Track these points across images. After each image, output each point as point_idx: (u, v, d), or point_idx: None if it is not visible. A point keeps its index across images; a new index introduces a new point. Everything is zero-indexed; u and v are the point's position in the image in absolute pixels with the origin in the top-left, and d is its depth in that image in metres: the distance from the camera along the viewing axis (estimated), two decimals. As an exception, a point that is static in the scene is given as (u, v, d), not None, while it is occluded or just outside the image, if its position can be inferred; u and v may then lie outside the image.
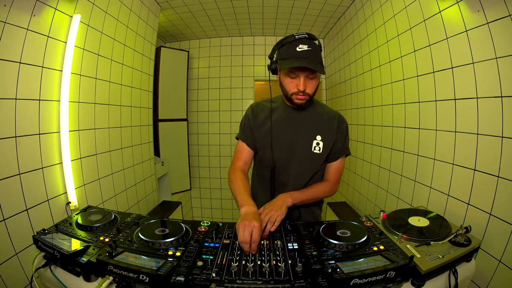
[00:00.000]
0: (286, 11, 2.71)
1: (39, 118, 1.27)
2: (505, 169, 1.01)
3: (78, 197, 1.46)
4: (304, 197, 1.12)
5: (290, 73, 1.03)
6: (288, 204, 1.03)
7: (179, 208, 2.68)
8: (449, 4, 1.25)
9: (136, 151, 2.18)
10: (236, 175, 1.13)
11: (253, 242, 0.85)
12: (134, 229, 0.99)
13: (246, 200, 1.00)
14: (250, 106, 1.25)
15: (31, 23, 1.19)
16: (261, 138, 1.17)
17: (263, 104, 1.24)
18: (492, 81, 1.05)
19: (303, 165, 1.15)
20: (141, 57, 2.22)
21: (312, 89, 1.06)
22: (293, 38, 1.01)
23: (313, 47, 1.01)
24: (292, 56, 1.00)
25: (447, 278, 0.82)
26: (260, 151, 1.19)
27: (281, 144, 1.15)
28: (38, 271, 0.88)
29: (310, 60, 0.98)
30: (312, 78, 1.04)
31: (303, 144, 1.15)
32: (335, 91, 3.10)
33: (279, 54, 1.06)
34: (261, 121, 1.19)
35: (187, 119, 3.42)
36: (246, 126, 1.22)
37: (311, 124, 1.16)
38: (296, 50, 0.99)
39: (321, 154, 1.15)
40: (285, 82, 1.07)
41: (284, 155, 1.15)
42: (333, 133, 1.16)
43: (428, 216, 1.06)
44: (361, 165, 2.37)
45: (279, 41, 1.06)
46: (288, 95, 1.08)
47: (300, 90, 1.03)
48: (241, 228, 0.87)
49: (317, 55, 1.02)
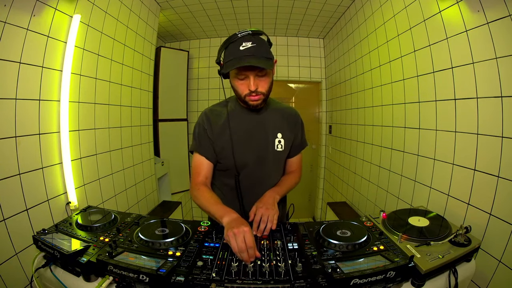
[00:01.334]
0: (286, 11, 2.71)
1: (39, 118, 1.27)
2: (505, 169, 1.01)
3: (78, 197, 1.46)
4: (285, 191, 1.16)
5: (239, 74, 0.99)
6: (277, 200, 1.05)
7: (179, 208, 2.68)
8: (449, 4, 1.25)
9: (136, 151, 2.18)
10: (201, 190, 1.06)
11: (249, 248, 0.80)
12: (134, 229, 0.99)
13: (224, 209, 0.95)
14: (204, 113, 1.15)
15: (31, 23, 1.19)
16: (224, 147, 1.10)
17: (217, 109, 1.16)
18: (492, 81, 1.05)
19: (270, 165, 1.15)
20: (141, 57, 2.22)
21: (265, 87, 1.02)
22: (236, 37, 0.97)
23: (258, 43, 0.96)
24: (236, 57, 0.95)
25: (447, 278, 0.82)
26: (224, 160, 1.12)
27: (246, 149, 1.11)
28: (38, 271, 0.88)
29: (255, 57, 0.93)
30: (262, 75, 0.99)
31: (267, 144, 1.13)
32: (335, 91, 3.10)
33: (225, 57, 1.01)
34: (220, 129, 1.11)
35: (187, 119, 3.42)
36: (202, 136, 1.12)
37: (271, 123, 1.14)
38: (239, 49, 0.94)
39: (284, 151, 1.17)
40: (236, 84, 1.02)
41: (250, 159, 1.12)
42: (292, 129, 1.19)
43: (428, 216, 1.06)
44: (361, 165, 2.37)
45: (223, 43, 1.01)
46: (242, 97, 1.03)
47: (251, 91, 0.99)
48: (231, 238, 0.81)
49: (263, 50, 0.96)
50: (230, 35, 0.99)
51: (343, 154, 2.83)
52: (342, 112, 2.87)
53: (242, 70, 0.97)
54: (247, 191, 1.14)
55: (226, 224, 0.89)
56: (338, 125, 3.05)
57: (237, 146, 1.10)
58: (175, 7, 2.58)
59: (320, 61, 3.47)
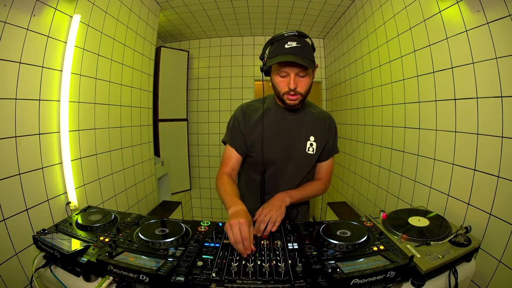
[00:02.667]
0: (286, 11, 2.71)
1: (39, 118, 1.27)
2: (505, 169, 1.01)
3: (78, 197, 1.46)
4: (301, 196, 1.12)
5: (280, 72, 1.01)
6: (286, 203, 1.03)
7: (179, 208, 2.68)
8: (449, 4, 1.25)
9: (136, 151, 2.18)
10: (222, 180, 1.10)
11: (244, 239, 0.81)
12: (134, 229, 0.99)
13: (233, 200, 0.98)
14: (240, 108, 1.19)
15: (31, 23, 1.19)
16: (255, 142, 1.13)
17: (254, 105, 1.19)
18: (492, 81, 1.05)
19: (297, 166, 1.15)
20: (141, 57, 2.22)
21: (304, 88, 1.03)
22: (282, 36, 0.99)
23: (303, 44, 0.98)
24: (280, 53, 0.97)
25: (447, 278, 0.82)
26: (253, 155, 1.15)
27: (276, 146, 1.12)
28: (38, 271, 0.88)
29: (298, 56, 0.95)
30: (303, 76, 1.01)
31: (298, 145, 1.14)
32: (335, 91, 3.10)
33: (269, 53, 1.03)
34: (253, 124, 1.14)
35: (187, 119, 3.42)
36: (235, 129, 1.16)
37: (304, 125, 1.14)
38: (285, 47, 0.96)
39: (315, 155, 1.16)
40: (276, 81, 1.04)
41: (279, 157, 1.13)
42: (325, 133, 1.18)
43: (428, 216, 1.06)
44: (361, 165, 2.37)
45: (268, 40, 1.04)
46: (280, 95, 1.05)
47: (291, 89, 1.00)
48: (228, 228, 0.84)
49: (307, 51, 0.98)
50: (277, 34, 1.01)
51: (343, 154, 2.83)
52: (342, 112, 2.87)
53: (284, 67, 0.99)
54: (272, 189, 1.15)
55: (229, 215, 0.92)
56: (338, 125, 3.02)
57: (267, 142, 1.12)
58: (175, 7, 2.58)
59: (320, 61, 3.47)
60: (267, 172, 1.16)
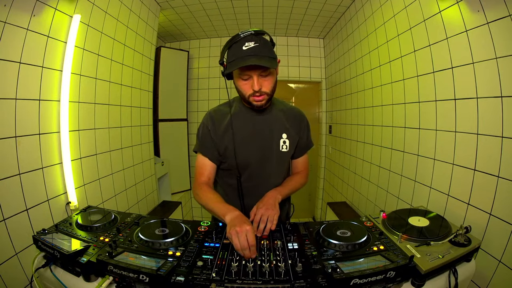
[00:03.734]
0: (286, 11, 2.71)
1: (39, 118, 1.27)
2: (505, 169, 1.01)
3: (78, 197, 1.46)
4: (288, 191, 1.15)
5: (242, 75, 0.98)
6: (278, 200, 1.04)
7: (179, 208, 2.68)
8: (449, 4, 1.25)
9: (136, 151, 2.18)
10: (203, 190, 1.08)
11: (251, 246, 0.82)
12: (134, 229, 0.99)
13: (226, 208, 0.97)
14: (208, 114, 1.16)
15: (31, 23, 1.19)
16: (227, 147, 1.10)
17: (221, 110, 1.16)
18: (492, 81, 1.05)
19: (274, 166, 1.15)
20: (141, 57, 2.22)
21: (268, 87, 1.01)
22: (239, 37, 0.96)
23: (261, 42, 0.95)
24: (239, 57, 0.94)
25: (447, 278, 0.82)
26: (227, 160, 1.12)
27: (249, 149, 1.11)
28: (38, 271, 0.88)
29: (258, 57, 0.92)
30: (266, 75, 0.99)
31: (271, 144, 1.13)
32: (335, 91, 3.10)
33: (228, 57, 1.00)
34: (224, 129, 1.11)
35: (187, 119, 3.42)
36: (206, 137, 1.13)
37: (275, 124, 1.13)
38: (242, 49, 0.94)
39: (289, 152, 1.16)
40: (240, 85, 1.02)
41: (253, 159, 1.11)
42: (297, 129, 1.18)
43: (428, 216, 1.06)
44: (361, 165, 2.37)
45: (225, 43, 1.00)
46: (246, 97, 1.03)
47: (255, 91, 0.98)
48: (234, 236, 0.83)
49: (266, 49, 0.96)
50: (233, 36, 0.98)
51: (343, 154, 2.83)
52: (342, 112, 2.87)
53: (245, 70, 0.96)
54: (250, 191, 1.14)
55: (229, 222, 0.90)
56: (338, 125, 3.05)
57: (240, 146, 1.09)
58: (175, 7, 2.58)
59: (320, 61, 3.47)
60: (243, 175, 1.13)
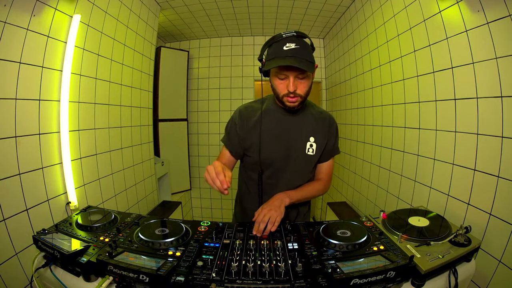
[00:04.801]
0: (286, 11, 2.71)
1: (39, 118, 1.27)
2: (505, 169, 1.01)
3: (78, 197, 1.46)
4: (300, 196, 1.12)
5: (279, 74, 0.99)
6: (285, 203, 1.03)
7: (179, 208, 2.68)
8: (449, 4, 1.25)
9: (136, 151, 2.18)
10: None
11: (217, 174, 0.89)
12: (134, 229, 0.99)
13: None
14: (238, 110, 1.19)
15: (31, 23, 1.19)
16: (253, 142, 1.12)
17: (252, 106, 1.18)
18: (492, 81, 1.05)
19: (297, 167, 1.14)
20: (141, 57, 2.22)
21: (303, 90, 1.02)
22: (281, 37, 0.97)
23: (301, 45, 0.96)
24: (279, 56, 0.96)
25: (447, 278, 0.82)
26: (252, 155, 1.15)
27: (275, 147, 1.12)
28: (38, 271, 0.88)
29: (297, 59, 0.93)
30: (302, 78, 0.99)
31: (298, 146, 1.13)
32: (335, 91, 3.10)
33: (267, 55, 1.02)
34: (252, 125, 1.13)
35: (187, 119, 3.42)
36: (232, 132, 1.17)
37: (304, 126, 1.14)
38: (283, 49, 0.95)
39: (315, 156, 1.15)
40: (275, 83, 1.03)
41: (277, 158, 1.13)
42: (325, 134, 1.17)
43: (428, 216, 1.06)
44: (361, 165, 2.37)
45: (267, 41, 1.02)
46: (280, 97, 1.04)
47: (290, 91, 0.99)
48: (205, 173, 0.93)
49: (306, 53, 0.97)
50: (275, 35, 1.00)
51: (343, 154, 2.83)
52: (342, 112, 2.87)
53: (283, 70, 0.97)
54: (271, 189, 1.15)
55: None
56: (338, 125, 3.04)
57: (265, 143, 1.11)
58: (175, 7, 2.58)
59: (320, 61, 3.47)
60: (266, 172, 1.16)
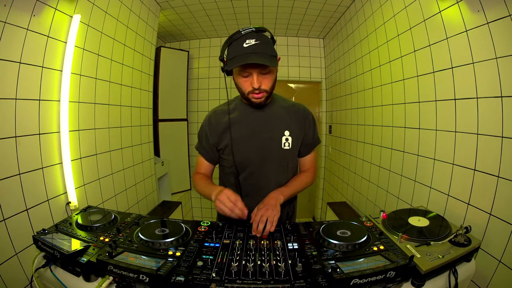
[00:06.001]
0: (286, 11, 2.71)
1: (39, 118, 1.27)
2: (505, 169, 1.01)
3: (78, 197, 1.46)
4: (292, 191, 1.13)
5: (242, 72, 0.99)
6: (280, 201, 1.03)
7: (179, 208, 2.68)
8: (449, 4, 1.25)
9: (136, 151, 2.18)
10: (198, 178, 1.18)
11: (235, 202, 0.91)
12: (134, 229, 0.99)
13: (211, 188, 1.05)
14: (207, 116, 1.18)
15: (31, 23, 1.19)
16: (227, 145, 1.11)
17: (221, 109, 1.17)
18: (492, 81, 1.05)
19: (275, 164, 1.13)
20: (141, 57, 2.22)
21: (268, 85, 1.01)
22: (240, 34, 0.96)
23: (262, 40, 0.95)
24: (239, 54, 0.94)
25: (447, 278, 0.82)
26: (227, 157, 1.13)
27: (249, 147, 1.10)
28: (38, 271, 0.88)
29: (259, 55, 0.93)
30: (266, 73, 0.99)
31: (272, 142, 1.11)
32: (335, 91, 3.10)
33: (228, 54, 1.00)
34: (223, 128, 1.12)
35: (187, 119, 3.42)
36: (203, 138, 1.17)
37: (277, 121, 1.12)
38: (243, 46, 0.94)
39: (292, 149, 1.14)
40: (239, 82, 1.02)
41: (253, 157, 1.11)
42: (301, 126, 1.15)
43: (428, 216, 1.06)
44: (361, 165, 2.37)
45: (226, 40, 1.01)
46: (245, 94, 1.04)
47: (255, 88, 0.99)
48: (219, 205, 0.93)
49: (267, 47, 0.96)
50: (234, 32, 0.98)
51: (343, 154, 2.83)
52: (342, 112, 2.87)
53: (245, 68, 0.97)
54: (252, 190, 1.13)
55: (214, 199, 0.98)
56: (338, 125, 3.05)
57: (238, 144, 1.09)
58: (175, 7, 2.58)
59: (320, 61, 3.47)
60: (244, 173, 1.13)
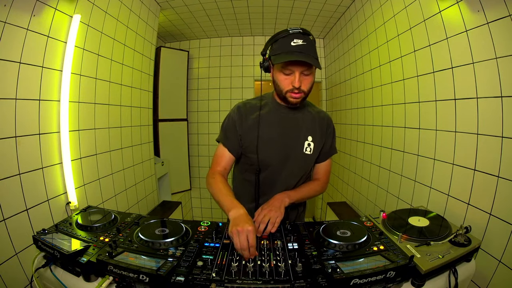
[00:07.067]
0: (286, 11, 2.71)
1: (39, 118, 1.27)
2: (505, 169, 1.01)
3: (78, 197, 1.46)
4: (299, 196, 1.12)
5: (284, 69, 0.99)
6: (285, 204, 1.03)
7: (179, 208, 2.68)
8: (449, 4, 1.25)
9: (136, 151, 2.18)
10: (216, 180, 1.08)
11: (251, 246, 0.82)
12: (134, 229, 0.99)
13: (233, 203, 0.95)
14: (237, 107, 1.15)
15: (31, 23, 1.19)
16: (252, 141, 1.10)
17: (251, 103, 1.16)
18: (492, 81, 1.05)
19: (294, 167, 1.14)
20: (141, 57, 2.22)
21: (307, 86, 1.02)
22: (287, 33, 0.97)
23: (308, 42, 0.97)
24: (287, 51, 0.96)
25: (447, 278, 0.82)
26: (250, 155, 1.13)
27: (273, 147, 1.10)
28: (38, 271, 0.88)
29: (306, 55, 0.94)
30: (307, 74, 1.00)
31: (296, 145, 1.12)
32: (335, 91, 3.10)
33: (272, 50, 1.02)
34: (251, 124, 1.11)
35: (187, 119, 3.42)
36: (229, 129, 1.13)
37: (303, 125, 1.13)
38: (291, 44, 0.95)
39: (312, 155, 1.14)
40: (279, 79, 1.02)
41: (277, 157, 1.11)
42: (323, 134, 1.16)
43: (428, 216, 1.06)
44: (361, 165, 2.37)
45: (272, 36, 1.02)
46: (283, 93, 1.03)
47: (295, 87, 0.99)
48: (235, 235, 0.83)
49: (313, 50, 0.98)
50: (281, 30, 0.99)
51: (343, 154, 2.83)
52: (342, 112, 2.87)
53: (289, 65, 0.97)
54: (268, 190, 1.14)
55: (232, 219, 0.89)
56: (338, 125, 3.05)
57: (264, 144, 1.09)
58: (175, 7, 2.58)
59: (320, 61, 3.44)
60: (264, 172, 1.14)
